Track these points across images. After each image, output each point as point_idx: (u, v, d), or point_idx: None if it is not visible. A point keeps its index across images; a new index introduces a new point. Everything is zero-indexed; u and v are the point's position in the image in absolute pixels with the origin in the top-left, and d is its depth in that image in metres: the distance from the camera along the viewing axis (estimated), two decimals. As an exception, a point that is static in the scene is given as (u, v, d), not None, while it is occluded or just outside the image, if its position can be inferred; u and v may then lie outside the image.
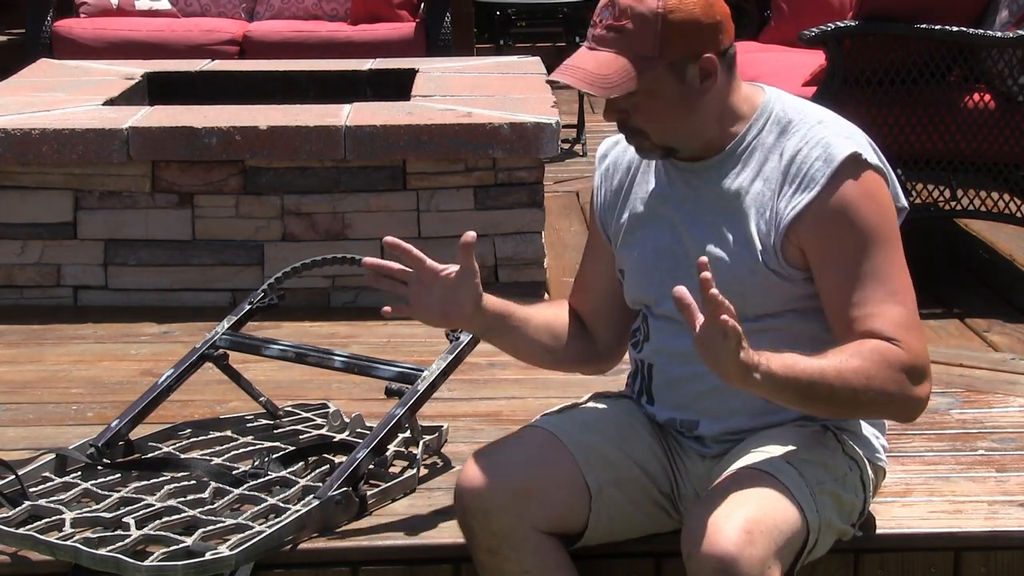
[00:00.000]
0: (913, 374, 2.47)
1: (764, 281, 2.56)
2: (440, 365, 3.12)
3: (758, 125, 2.59)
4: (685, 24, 2.48)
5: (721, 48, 2.53)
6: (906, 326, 2.49)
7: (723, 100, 2.57)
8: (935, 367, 3.85)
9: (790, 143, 2.56)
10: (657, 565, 2.82)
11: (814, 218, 2.52)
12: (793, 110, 2.61)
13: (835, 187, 2.51)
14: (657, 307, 2.68)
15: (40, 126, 4.44)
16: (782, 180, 2.55)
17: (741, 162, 2.59)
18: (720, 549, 2.35)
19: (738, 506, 2.41)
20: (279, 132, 4.44)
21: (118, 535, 2.77)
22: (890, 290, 2.50)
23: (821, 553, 2.60)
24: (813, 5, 5.85)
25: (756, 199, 2.57)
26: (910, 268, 2.57)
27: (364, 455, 2.95)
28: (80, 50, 6.88)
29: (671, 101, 2.52)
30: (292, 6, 7.55)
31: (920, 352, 2.49)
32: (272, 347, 3.29)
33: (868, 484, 2.68)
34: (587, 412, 2.77)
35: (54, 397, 3.70)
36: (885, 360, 2.44)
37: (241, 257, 4.50)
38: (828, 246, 2.52)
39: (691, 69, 2.51)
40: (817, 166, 2.52)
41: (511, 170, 4.49)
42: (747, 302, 2.52)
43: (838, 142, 2.54)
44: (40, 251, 4.50)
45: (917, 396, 2.49)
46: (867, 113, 4.66)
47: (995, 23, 4.71)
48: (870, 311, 2.49)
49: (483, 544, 2.61)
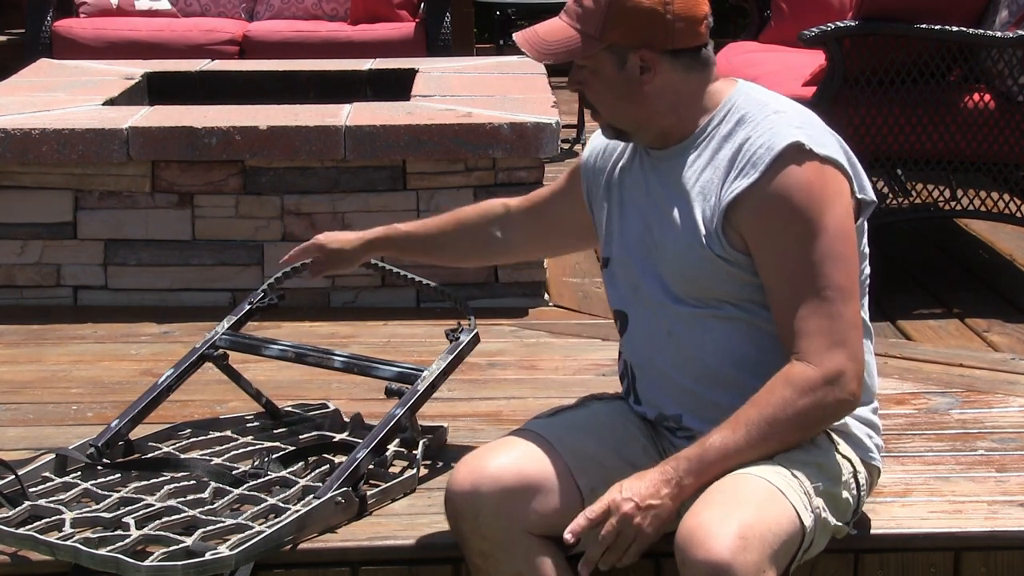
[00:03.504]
0: (832, 384, 2.51)
1: (712, 267, 2.60)
2: (440, 365, 3.12)
3: (719, 116, 2.64)
4: (631, 14, 2.57)
5: (670, 47, 2.59)
6: (828, 337, 2.52)
7: (677, 95, 2.63)
8: (935, 367, 3.91)
9: (743, 132, 2.61)
10: (657, 565, 2.82)
11: (751, 203, 2.56)
12: (754, 102, 2.65)
13: (774, 174, 2.54)
14: (634, 295, 2.72)
15: (40, 126, 4.44)
16: (728, 167, 2.60)
17: (698, 151, 2.64)
18: (714, 555, 2.35)
19: (732, 511, 2.42)
20: (279, 132, 4.44)
21: (118, 535, 2.77)
22: (819, 288, 2.52)
23: (817, 552, 2.61)
24: (813, 5, 5.85)
25: (705, 186, 2.62)
26: (910, 268, 2.57)
27: (364, 455, 2.95)
28: (80, 50, 6.88)
29: (611, 85, 2.61)
30: (292, 6, 7.55)
31: (836, 363, 2.51)
32: (272, 347, 3.29)
33: (862, 483, 2.69)
34: (578, 414, 2.78)
35: (54, 397, 3.70)
36: (796, 388, 2.50)
37: (241, 257, 4.50)
38: (764, 233, 2.56)
39: (631, 59, 2.59)
40: (760, 153, 2.56)
41: (511, 170, 4.49)
42: (699, 287, 2.61)
43: (785, 131, 2.57)
44: (40, 251, 4.50)
45: (839, 400, 2.53)
46: (867, 113, 4.67)
47: (995, 23, 4.71)
48: (797, 322, 2.53)
49: (475, 548, 2.62)
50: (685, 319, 2.64)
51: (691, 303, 2.64)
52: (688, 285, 2.63)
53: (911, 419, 3.51)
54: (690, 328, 2.64)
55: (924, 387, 3.74)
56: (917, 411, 3.57)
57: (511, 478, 2.60)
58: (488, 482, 2.59)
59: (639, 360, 2.75)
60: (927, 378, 3.82)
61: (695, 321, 2.64)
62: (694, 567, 2.37)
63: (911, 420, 3.50)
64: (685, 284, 2.63)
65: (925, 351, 4.13)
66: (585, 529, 2.46)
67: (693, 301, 2.64)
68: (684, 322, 2.65)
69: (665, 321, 2.67)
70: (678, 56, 2.60)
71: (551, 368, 3.92)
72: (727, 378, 2.63)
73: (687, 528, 2.41)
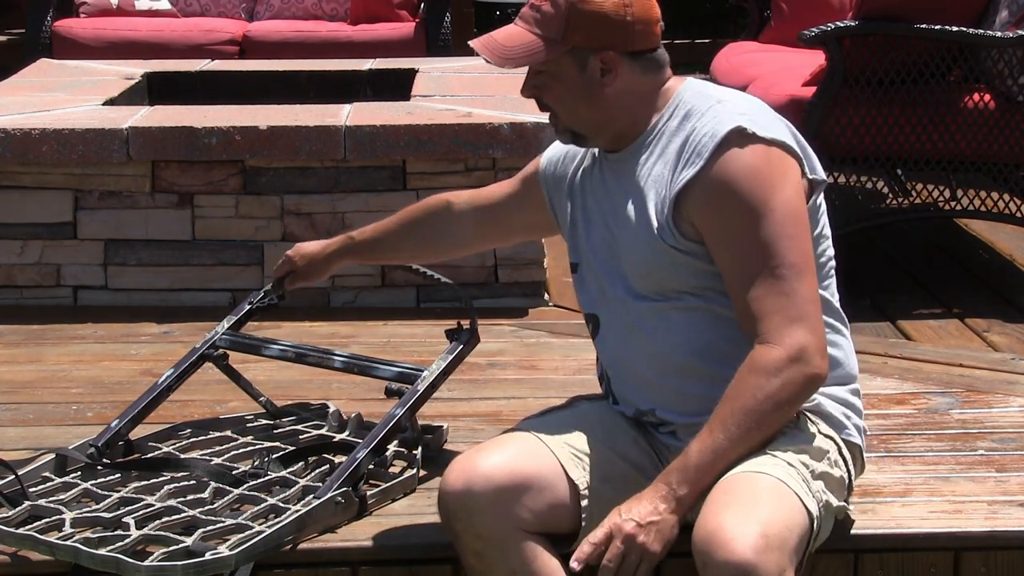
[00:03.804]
0: (797, 361, 2.52)
1: (668, 258, 2.63)
2: (440, 365, 3.12)
3: (667, 113, 2.68)
4: (592, 16, 2.61)
5: (630, 49, 2.64)
6: (784, 314, 2.53)
7: (633, 96, 2.67)
8: (935, 367, 3.90)
9: (689, 125, 2.64)
10: (657, 565, 2.81)
11: (699, 191, 2.59)
12: (700, 95, 2.68)
13: (718, 160, 2.58)
14: (601, 297, 2.76)
15: (40, 126, 4.44)
16: (676, 159, 2.63)
17: (649, 149, 2.68)
18: (738, 556, 2.36)
19: (749, 511, 2.43)
20: (279, 132, 4.44)
21: (118, 535, 2.77)
22: (772, 268, 2.55)
23: (825, 537, 2.63)
24: (813, 5, 5.85)
25: (656, 180, 2.65)
26: (910, 268, 2.58)
27: (364, 455, 2.95)
28: (80, 50, 6.88)
29: (572, 87, 2.65)
30: (292, 6, 7.55)
31: (797, 339, 2.53)
32: (272, 347, 3.29)
33: (848, 459, 2.72)
34: (568, 413, 2.81)
35: (54, 397, 3.70)
36: (762, 372, 2.52)
37: (241, 257, 4.50)
38: (714, 220, 2.59)
39: (592, 61, 2.63)
40: (704, 142, 2.60)
41: (511, 170, 4.44)
42: (657, 281, 2.66)
43: (728, 118, 2.60)
44: (40, 251, 4.50)
45: (806, 375, 2.54)
46: (867, 113, 4.67)
47: (995, 23, 4.71)
48: (753, 304, 2.55)
49: (469, 547, 2.63)
50: (648, 314, 2.68)
51: (652, 297, 2.68)
52: (647, 280, 2.67)
53: (911, 419, 3.51)
54: (653, 322, 2.68)
55: (924, 387, 3.74)
56: (917, 411, 3.57)
57: (503, 476, 2.61)
58: (480, 481, 2.60)
59: (610, 361, 2.79)
60: (927, 378, 3.82)
61: (657, 315, 2.67)
62: (718, 569, 2.38)
63: (911, 420, 3.50)
64: (644, 279, 2.68)
65: (925, 351, 4.13)
66: (590, 556, 2.47)
67: (654, 295, 2.68)
68: (647, 317, 2.69)
69: (630, 319, 2.71)
70: (636, 58, 2.65)
71: (551, 368, 3.92)
72: (693, 368, 2.66)
73: (706, 531, 2.42)
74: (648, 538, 2.46)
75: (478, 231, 3.11)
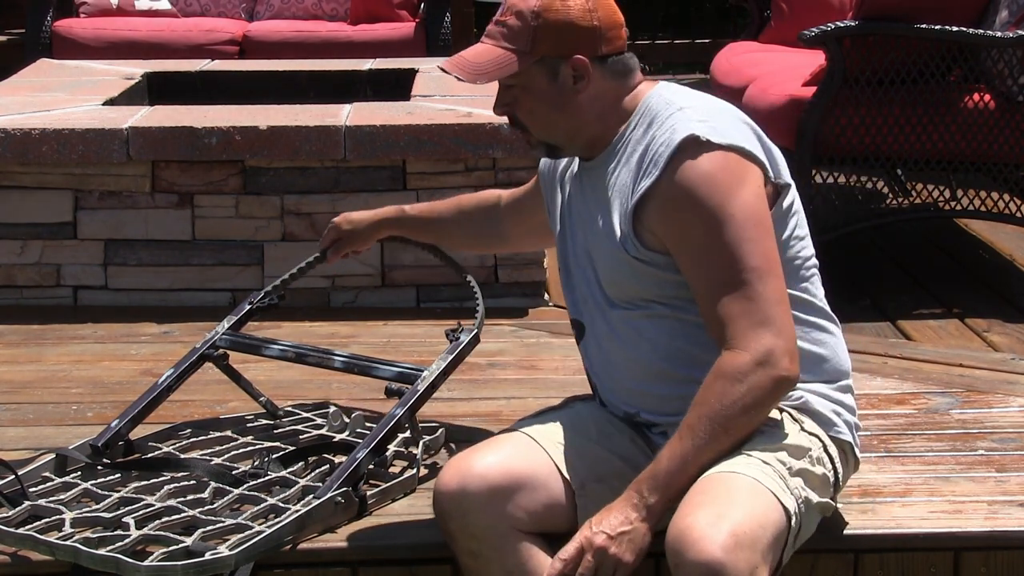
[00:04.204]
0: (763, 365, 2.51)
1: (631, 269, 2.65)
2: (440, 365, 3.12)
3: (634, 121, 2.68)
4: (559, 24, 2.62)
5: (598, 53, 2.65)
6: (749, 318, 2.53)
7: (604, 103, 2.68)
8: (935, 367, 3.91)
9: (651, 133, 2.64)
10: (657, 565, 2.82)
11: (656, 201, 2.59)
12: (664, 102, 2.68)
13: (673, 170, 2.58)
14: (584, 304, 2.78)
15: (40, 126, 4.44)
16: (637, 169, 2.64)
17: (616, 157, 2.69)
18: (707, 555, 2.36)
19: (720, 510, 2.42)
20: (279, 132, 4.44)
21: (118, 535, 2.77)
22: (735, 273, 2.54)
23: (809, 533, 2.63)
24: (813, 5, 5.85)
25: (621, 190, 2.66)
26: (910, 268, 2.57)
27: (364, 455, 2.95)
28: (80, 50, 6.88)
29: (544, 98, 2.66)
30: (292, 6, 7.55)
31: (763, 343, 2.52)
32: (272, 347, 3.29)
33: (835, 457, 2.70)
34: (562, 412, 2.82)
35: (54, 397, 3.70)
36: (728, 378, 2.51)
37: (241, 257, 4.50)
38: (674, 229, 2.59)
39: (563, 69, 2.64)
40: (660, 151, 2.60)
41: (511, 170, 4.49)
42: (625, 289, 2.67)
43: (683, 127, 2.59)
44: (40, 251, 4.50)
45: (773, 379, 2.53)
46: (867, 113, 4.67)
47: (995, 23, 4.71)
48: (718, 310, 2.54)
49: (464, 547, 2.63)
50: (619, 322, 2.70)
51: (623, 306, 2.69)
52: (616, 288, 2.69)
53: (911, 419, 3.51)
54: (625, 330, 2.70)
55: (924, 387, 3.74)
56: (917, 411, 3.57)
57: (498, 476, 2.61)
58: (475, 481, 2.60)
59: (594, 366, 2.81)
60: (927, 378, 3.82)
61: (628, 323, 2.69)
62: (688, 568, 2.38)
63: (911, 420, 3.50)
64: (614, 288, 2.70)
65: (925, 351, 4.13)
66: (562, 572, 2.47)
67: (624, 304, 2.69)
68: (619, 325, 2.70)
69: (607, 326, 2.73)
70: (606, 63, 2.66)
71: (551, 368, 3.92)
72: (666, 373, 2.67)
73: (677, 530, 2.42)
74: (620, 549, 2.46)
75: (515, 229, 3.18)
